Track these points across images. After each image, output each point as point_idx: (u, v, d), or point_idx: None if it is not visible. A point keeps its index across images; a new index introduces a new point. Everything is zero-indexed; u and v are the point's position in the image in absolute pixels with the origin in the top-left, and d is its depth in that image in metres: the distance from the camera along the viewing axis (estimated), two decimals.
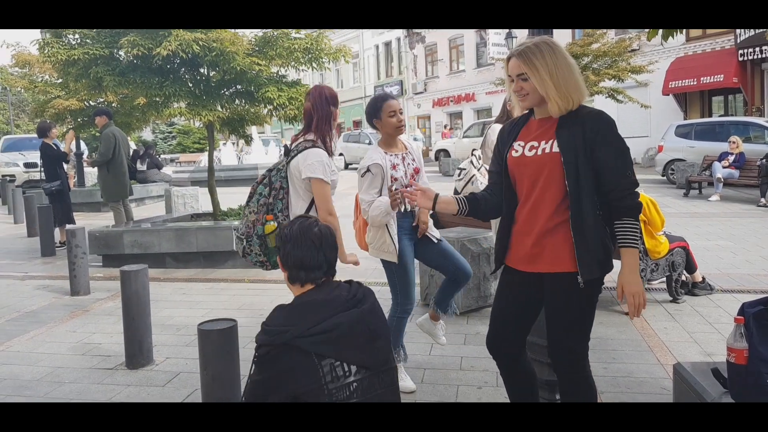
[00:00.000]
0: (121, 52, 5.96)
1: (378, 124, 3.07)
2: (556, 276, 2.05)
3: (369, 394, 1.63)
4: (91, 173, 15.20)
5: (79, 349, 3.97)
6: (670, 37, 2.97)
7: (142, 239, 6.35)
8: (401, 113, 3.09)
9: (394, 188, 2.71)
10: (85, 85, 6.28)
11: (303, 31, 6.66)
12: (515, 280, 2.18)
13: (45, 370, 3.61)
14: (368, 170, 3.00)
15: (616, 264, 2.07)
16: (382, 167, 2.99)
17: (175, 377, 3.43)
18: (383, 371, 1.70)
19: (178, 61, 6.05)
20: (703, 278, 4.81)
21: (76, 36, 6.03)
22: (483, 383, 3.27)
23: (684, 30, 17.63)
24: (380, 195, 3.00)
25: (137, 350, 3.58)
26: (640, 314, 2.04)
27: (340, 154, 22.73)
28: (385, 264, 3.15)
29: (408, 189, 2.21)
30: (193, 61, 6.09)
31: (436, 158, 22.03)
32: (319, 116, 2.89)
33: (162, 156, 23.14)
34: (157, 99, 6.02)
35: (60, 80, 13.16)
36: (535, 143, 2.07)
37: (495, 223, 4.07)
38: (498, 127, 3.87)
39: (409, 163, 3.12)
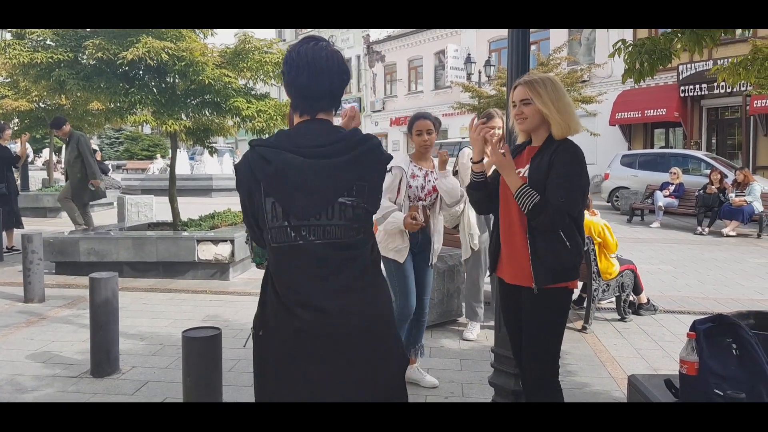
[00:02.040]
0: (87, 55, 5.87)
1: (410, 138, 3.34)
2: (526, 289, 2.27)
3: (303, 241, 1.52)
4: (36, 177, 14.63)
5: (39, 356, 3.86)
6: (619, 69, 3.20)
7: (98, 247, 6.20)
8: (429, 134, 3.25)
9: (419, 213, 3.06)
10: (45, 86, 6.13)
11: (275, 46, 6.74)
12: (504, 291, 2.42)
13: (4, 377, 3.51)
14: (389, 170, 3.17)
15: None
16: (404, 171, 3.21)
17: (143, 386, 3.40)
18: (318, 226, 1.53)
19: (143, 68, 6.00)
20: (648, 299, 5.14)
21: (40, 38, 5.90)
22: (449, 393, 3.40)
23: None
24: (395, 202, 3.21)
25: (104, 358, 3.52)
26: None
27: None
28: (387, 266, 3.28)
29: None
30: (160, 69, 6.05)
31: None
32: None
33: (108, 162, 22.43)
34: (122, 105, 5.94)
35: (9, 80, 12.72)
36: (520, 168, 2.31)
37: (470, 232, 4.28)
38: (468, 151, 4.08)
39: (430, 180, 3.31)
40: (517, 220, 2.29)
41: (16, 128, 12.91)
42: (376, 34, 30.33)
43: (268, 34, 41.83)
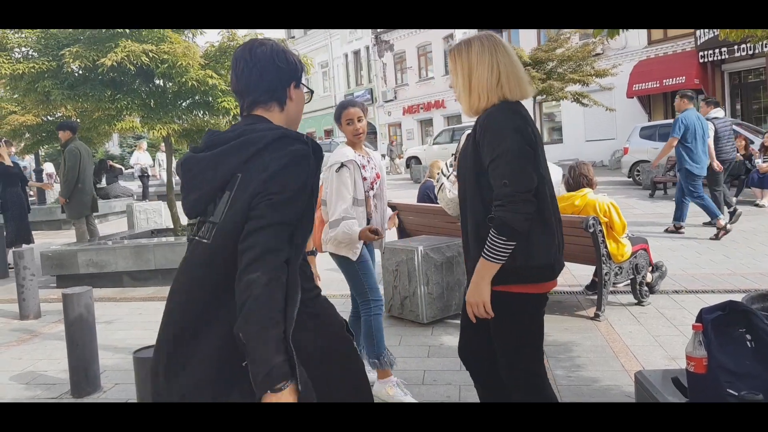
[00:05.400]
0: (74, 65, 5.74)
1: (340, 129, 3.12)
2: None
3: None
4: (52, 190, 14.75)
5: (23, 378, 3.73)
6: (633, 40, 2.96)
7: (97, 258, 6.10)
8: (359, 121, 3.05)
9: (379, 227, 2.98)
10: (33, 99, 6.03)
11: None
12: None
13: None
14: (343, 165, 2.98)
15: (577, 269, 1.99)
16: (357, 164, 3.01)
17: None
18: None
19: (128, 73, 5.84)
20: (653, 267, 4.76)
21: (23, 49, 5.78)
22: (446, 397, 3.16)
23: (645, 31, 18.01)
24: (353, 199, 2.99)
25: (82, 378, 3.37)
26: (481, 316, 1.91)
27: None
28: (345, 265, 3.08)
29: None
30: (147, 73, 5.89)
31: (407, 165, 22.02)
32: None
33: (130, 170, 22.62)
34: (110, 112, 5.80)
35: (16, 95, 12.80)
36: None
37: None
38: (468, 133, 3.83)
39: (373, 168, 3.16)
40: (471, 209, 1.97)
41: (28, 143, 13.02)
42: None
43: (275, 31, 41.81)
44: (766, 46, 13.19)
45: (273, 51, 1.51)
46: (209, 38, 34.43)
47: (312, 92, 1.66)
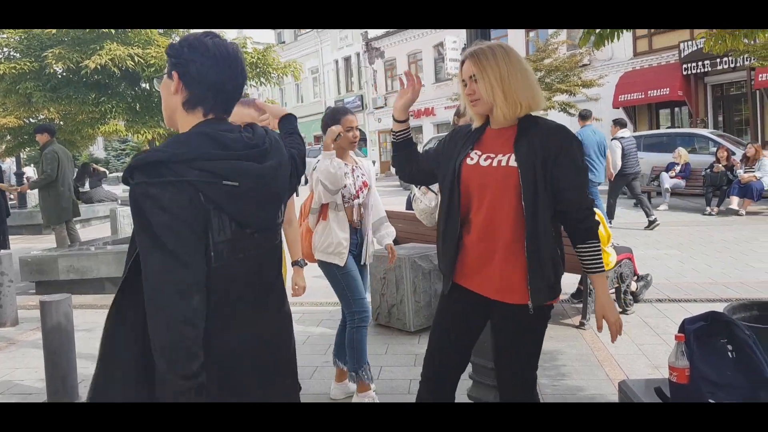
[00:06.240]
0: (56, 67, 5.66)
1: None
2: (508, 306, 1.91)
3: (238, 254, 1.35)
4: (33, 194, 14.55)
5: None
6: (619, 52, 3.01)
7: (78, 264, 6.01)
8: (356, 130, 3.10)
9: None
10: (14, 101, 5.94)
11: (250, 46, 6.52)
12: (462, 299, 2.01)
13: None
14: None
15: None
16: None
17: None
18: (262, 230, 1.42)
19: (113, 75, 5.78)
20: (638, 276, 4.82)
21: (4, 50, 5.70)
22: None
23: (631, 42, 18.23)
24: (334, 204, 3.01)
25: (60, 387, 3.30)
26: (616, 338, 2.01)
27: None
28: (331, 273, 3.06)
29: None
30: (133, 76, 5.84)
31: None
32: None
33: (114, 174, 22.38)
34: (94, 115, 5.73)
35: None
36: (492, 154, 1.93)
37: None
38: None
39: (358, 176, 3.12)
40: (505, 220, 1.88)
41: (9, 145, 12.82)
42: (374, 30, 30.00)
43: (266, 36, 41.73)
44: (747, 60, 13.43)
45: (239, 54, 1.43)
46: None
47: None
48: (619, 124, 9.07)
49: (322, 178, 2.84)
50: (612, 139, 8.75)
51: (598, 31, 3.15)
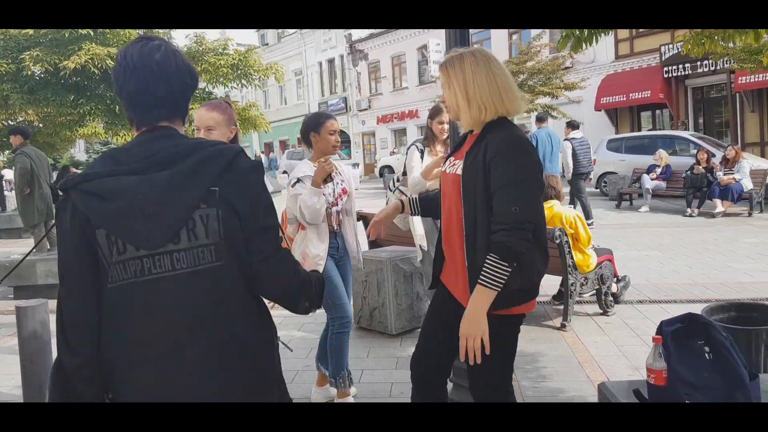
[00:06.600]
0: (34, 68, 5.57)
1: (315, 138, 3.01)
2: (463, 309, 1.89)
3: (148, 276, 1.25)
4: (12, 198, 14.31)
5: None
6: (601, 54, 3.02)
7: (57, 268, 5.89)
8: (338, 134, 3.09)
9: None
10: None
11: (231, 48, 6.47)
12: (450, 301, 2.03)
13: None
14: (299, 180, 2.94)
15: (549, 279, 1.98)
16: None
17: None
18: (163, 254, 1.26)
19: (92, 77, 5.69)
20: (618, 278, 4.85)
21: None
22: None
23: (613, 45, 18.42)
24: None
25: (37, 394, 3.23)
26: (473, 359, 1.81)
27: (284, 172, 22.40)
28: None
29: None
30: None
31: (381, 174, 22.09)
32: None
33: None
34: (72, 117, 5.65)
35: None
36: (458, 161, 1.96)
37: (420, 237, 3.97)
38: (414, 149, 3.82)
39: (338, 183, 3.10)
40: (455, 226, 1.92)
41: None
42: (358, 32, 29.98)
43: (249, 37, 41.48)
44: (727, 63, 13.65)
45: (180, 59, 1.35)
46: (177, 43, 33.93)
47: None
48: (571, 126, 9.44)
49: (304, 209, 2.83)
50: (564, 140, 8.99)
51: (576, 33, 3.16)
